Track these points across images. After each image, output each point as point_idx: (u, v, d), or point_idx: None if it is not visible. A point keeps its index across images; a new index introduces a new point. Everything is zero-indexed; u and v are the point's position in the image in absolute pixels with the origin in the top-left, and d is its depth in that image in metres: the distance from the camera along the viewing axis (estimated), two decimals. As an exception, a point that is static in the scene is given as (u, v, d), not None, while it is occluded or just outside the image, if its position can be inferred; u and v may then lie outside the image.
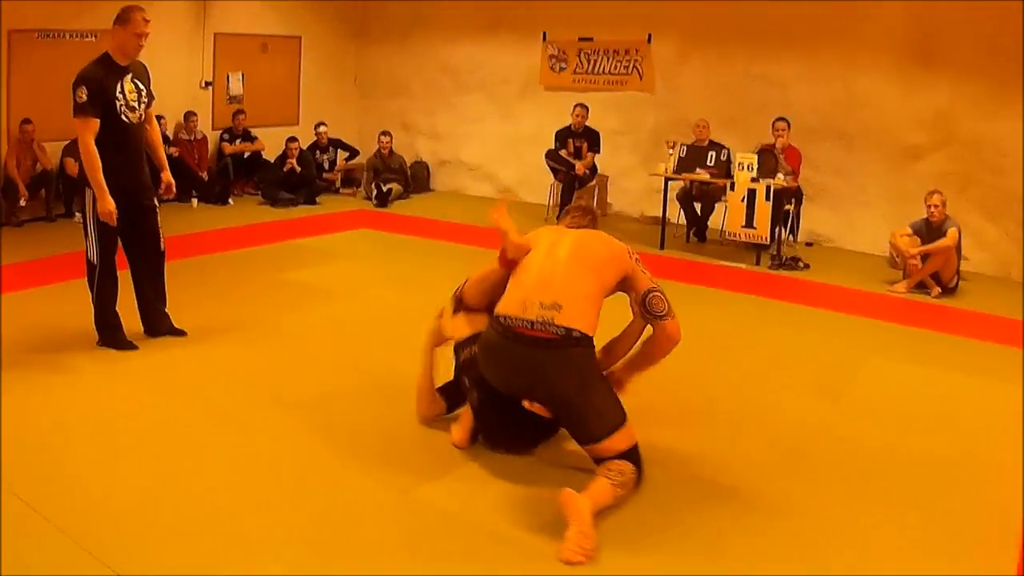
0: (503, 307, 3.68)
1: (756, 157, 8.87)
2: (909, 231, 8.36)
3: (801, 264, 8.86)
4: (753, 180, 8.73)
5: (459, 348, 4.04)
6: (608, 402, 3.61)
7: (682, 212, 9.86)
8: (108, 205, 4.84)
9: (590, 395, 3.58)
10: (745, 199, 8.74)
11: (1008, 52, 9.06)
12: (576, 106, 10.39)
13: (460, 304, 4.14)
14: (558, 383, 3.56)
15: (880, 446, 4.37)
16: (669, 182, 9.53)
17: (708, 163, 9.22)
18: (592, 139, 10.38)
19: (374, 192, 10.98)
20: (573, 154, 10.31)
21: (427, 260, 8.13)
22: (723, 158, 9.17)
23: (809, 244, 10.02)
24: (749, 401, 4.93)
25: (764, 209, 8.69)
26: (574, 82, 11.34)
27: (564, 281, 3.62)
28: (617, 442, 3.53)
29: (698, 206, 9.82)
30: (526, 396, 3.65)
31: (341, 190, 11.78)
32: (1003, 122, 9.33)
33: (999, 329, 6.89)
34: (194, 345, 5.31)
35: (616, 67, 10.99)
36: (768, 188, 8.63)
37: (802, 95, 10.09)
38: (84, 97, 4.78)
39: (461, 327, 4.06)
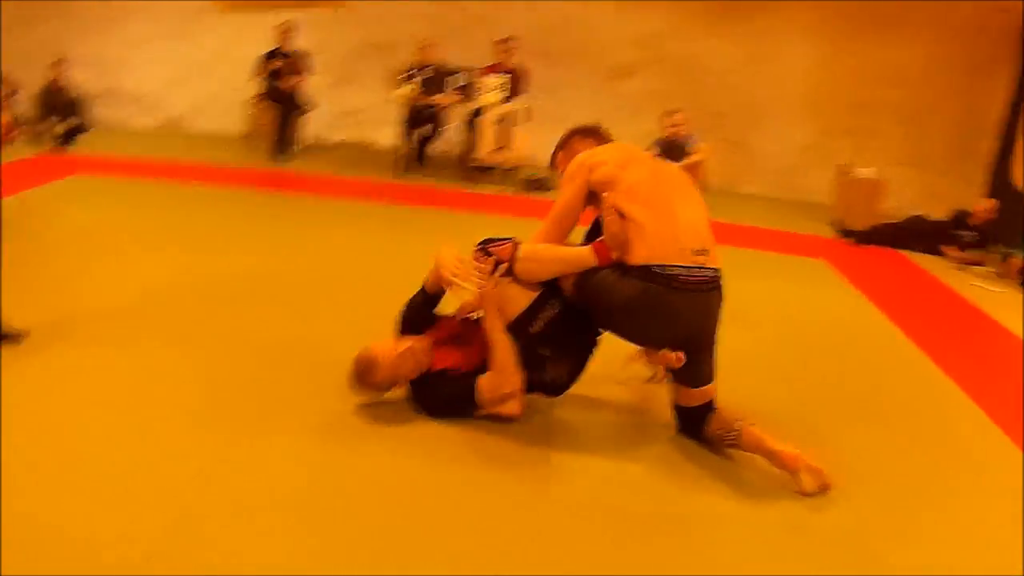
0: (652, 255, 3.14)
1: (502, 79, 8.69)
2: (657, 149, 8.72)
3: (549, 185, 8.90)
4: (503, 102, 8.57)
5: (524, 322, 3.36)
6: None
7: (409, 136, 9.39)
8: None
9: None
10: (496, 122, 8.55)
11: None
12: (280, 24, 9.41)
13: (506, 272, 3.38)
14: (714, 326, 3.35)
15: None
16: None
17: (447, 87, 8.87)
18: (298, 60, 9.46)
19: (61, 131, 9.02)
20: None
21: (173, 207, 6.76)
22: (469, 80, 8.84)
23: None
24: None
25: (520, 132, 8.58)
26: (256, 2, 10.21)
27: (700, 221, 3.31)
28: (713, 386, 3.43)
29: (420, 130, 9.43)
30: (688, 346, 3.28)
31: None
32: (709, 42, 10.04)
33: (763, 238, 7.60)
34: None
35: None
36: (524, 111, 8.54)
37: (509, 15, 10.05)
38: None
39: (519, 298, 3.37)
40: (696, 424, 3.40)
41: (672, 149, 8.67)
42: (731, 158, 10.12)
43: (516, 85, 8.91)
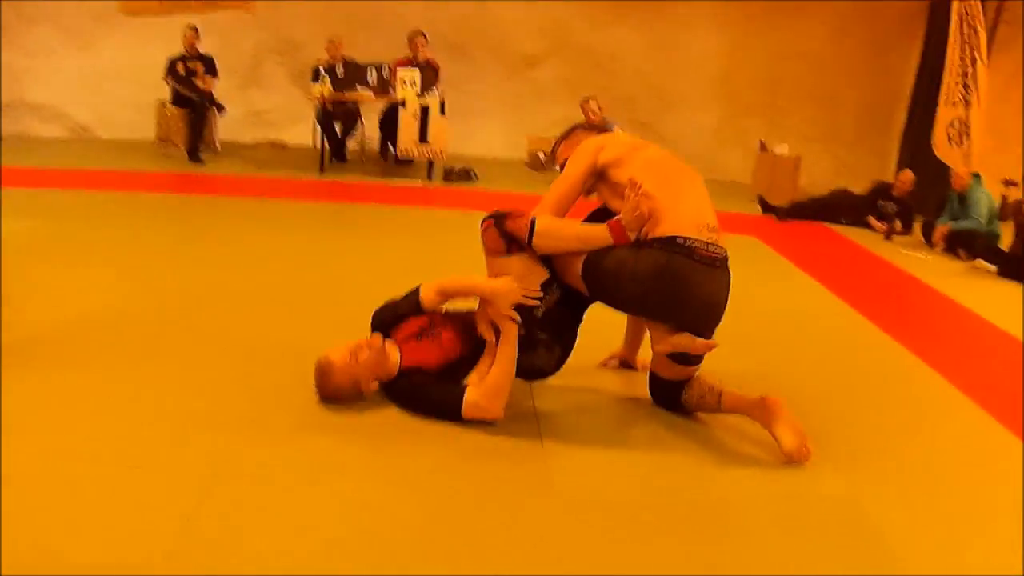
0: (673, 228, 3.19)
1: (418, 72, 8.78)
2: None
3: (473, 175, 9.03)
4: (420, 96, 8.66)
5: (531, 305, 3.29)
6: None
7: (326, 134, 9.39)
8: None
9: None
10: (418, 114, 8.64)
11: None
12: (188, 28, 9.34)
13: (512, 245, 3.28)
14: (724, 305, 3.38)
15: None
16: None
17: (368, 81, 8.90)
18: (208, 63, 9.42)
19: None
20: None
21: (99, 217, 6.48)
22: (384, 75, 8.90)
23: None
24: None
25: (440, 124, 8.67)
26: (161, 5, 10.04)
27: (707, 201, 3.39)
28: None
29: (338, 126, 9.47)
30: (700, 323, 3.32)
31: None
32: (616, 29, 10.29)
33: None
34: None
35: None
36: (442, 104, 8.64)
37: (419, 10, 10.13)
38: None
39: (530, 279, 3.27)
40: (674, 394, 3.47)
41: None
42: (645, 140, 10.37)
43: (429, 78, 9.01)
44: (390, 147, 9.59)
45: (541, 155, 9.86)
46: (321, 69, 8.85)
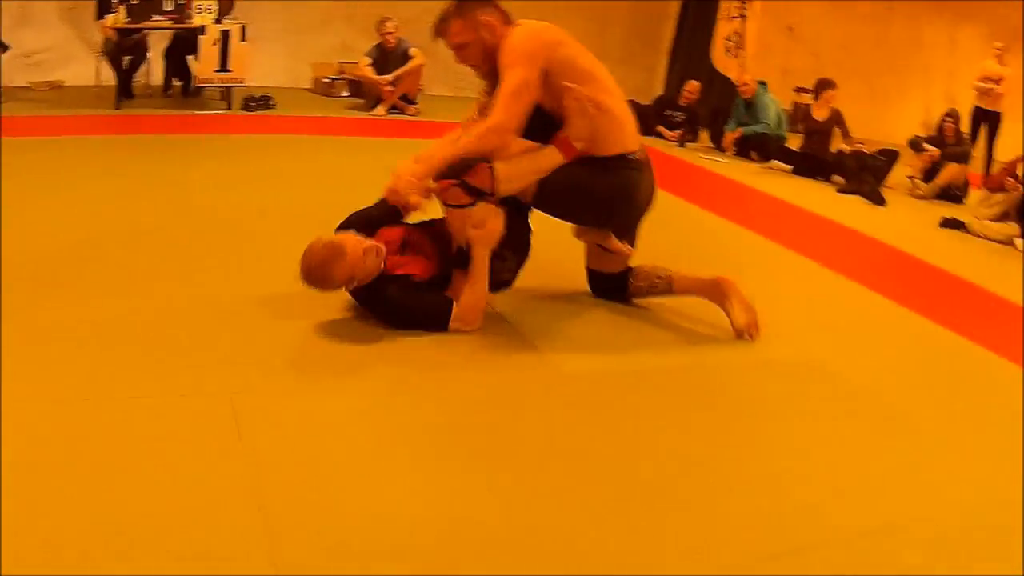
0: (625, 144, 3.30)
1: (214, -2, 8.32)
2: (368, 60, 8.84)
3: (272, 103, 8.73)
4: (216, 21, 8.23)
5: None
6: None
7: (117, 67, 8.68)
8: None
9: None
10: (219, 42, 8.20)
11: None
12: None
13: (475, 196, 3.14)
14: None
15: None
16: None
17: (166, 8, 8.29)
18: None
19: None
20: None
21: None
22: (180, 2, 8.31)
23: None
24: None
25: (241, 50, 8.28)
26: None
27: None
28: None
29: (127, 60, 8.79)
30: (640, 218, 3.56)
31: None
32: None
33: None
34: None
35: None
36: (243, 27, 8.24)
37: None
38: None
39: (488, 213, 3.17)
40: (621, 284, 3.66)
41: (388, 56, 8.86)
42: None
43: (225, 5, 8.57)
44: (174, 81, 9.09)
45: (326, 80, 9.95)
46: (113, -1, 8.17)
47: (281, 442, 2.34)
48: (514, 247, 3.44)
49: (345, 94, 9.97)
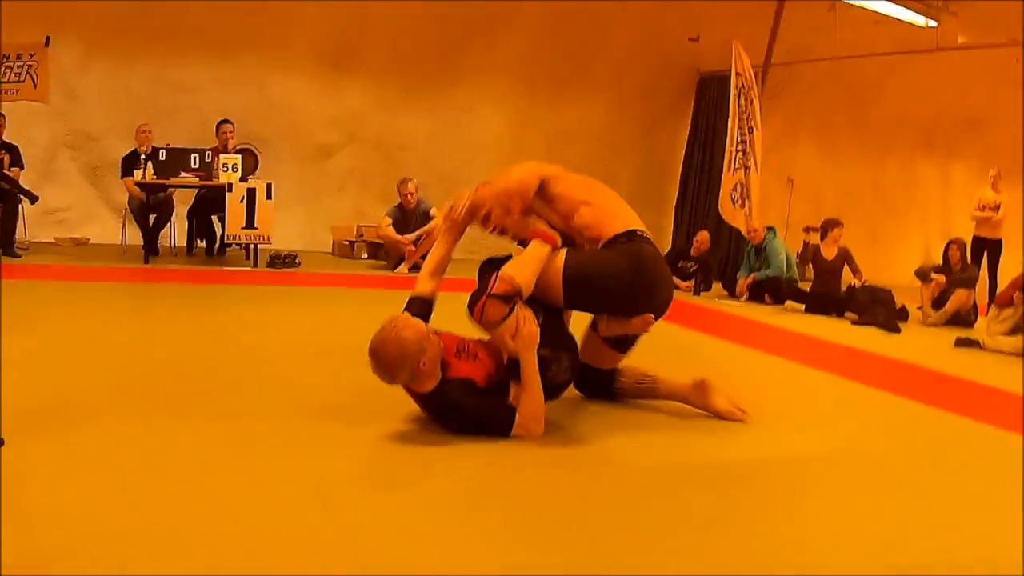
0: (625, 223, 3.54)
1: (240, 158, 8.66)
2: (389, 220, 9.12)
3: (298, 261, 8.95)
4: (242, 180, 8.54)
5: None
6: None
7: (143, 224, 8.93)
8: None
9: None
10: (245, 200, 8.48)
11: (412, 58, 10.37)
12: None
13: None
14: None
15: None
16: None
17: (193, 166, 8.61)
18: (13, 153, 8.71)
19: None
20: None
21: None
22: (207, 159, 8.65)
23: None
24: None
25: (267, 208, 8.55)
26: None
27: None
28: None
29: (152, 218, 9.06)
30: (668, 302, 3.70)
31: None
32: (405, 119, 10.63)
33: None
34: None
35: (7, 74, 9.33)
36: (269, 186, 8.54)
37: (215, 99, 10.00)
38: None
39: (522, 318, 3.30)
40: (607, 382, 3.82)
41: (408, 216, 9.14)
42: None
43: (249, 164, 8.93)
44: (198, 241, 9.35)
45: (346, 242, 10.23)
46: (141, 155, 8.49)
47: (371, 521, 2.42)
48: (562, 347, 3.51)
49: (365, 256, 10.25)
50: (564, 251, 3.47)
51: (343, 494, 2.60)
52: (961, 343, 6.79)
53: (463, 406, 3.24)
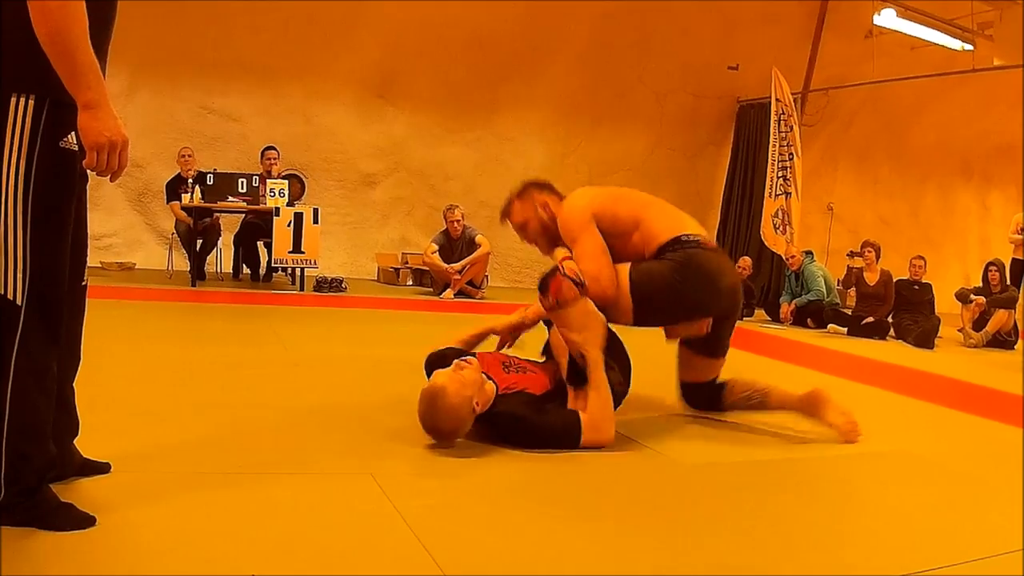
0: (669, 231, 3.50)
1: (287, 183, 8.81)
2: (435, 247, 9.20)
3: (344, 285, 9.05)
4: (289, 205, 8.67)
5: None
6: None
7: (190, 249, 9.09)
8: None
9: None
10: (292, 224, 8.62)
11: (455, 87, 10.51)
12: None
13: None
14: (740, 291, 3.78)
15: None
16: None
17: (240, 190, 8.76)
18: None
19: None
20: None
21: None
22: (254, 184, 8.79)
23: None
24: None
25: (313, 232, 8.68)
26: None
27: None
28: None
29: (199, 243, 9.21)
30: (735, 304, 3.68)
31: None
32: (448, 148, 10.76)
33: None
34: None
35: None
36: (316, 211, 8.67)
37: (260, 128, 10.19)
38: None
39: (586, 315, 3.32)
40: (714, 396, 3.76)
41: (454, 243, 9.22)
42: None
43: (295, 189, 9.08)
44: (244, 267, 9.48)
45: (391, 270, 10.29)
46: (188, 180, 8.65)
47: (431, 508, 2.43)
48: (616, 356, 3.52)
49: (409, 283, 10.36)
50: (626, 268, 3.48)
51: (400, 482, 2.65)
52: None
53: (526, 419, 3.12)
